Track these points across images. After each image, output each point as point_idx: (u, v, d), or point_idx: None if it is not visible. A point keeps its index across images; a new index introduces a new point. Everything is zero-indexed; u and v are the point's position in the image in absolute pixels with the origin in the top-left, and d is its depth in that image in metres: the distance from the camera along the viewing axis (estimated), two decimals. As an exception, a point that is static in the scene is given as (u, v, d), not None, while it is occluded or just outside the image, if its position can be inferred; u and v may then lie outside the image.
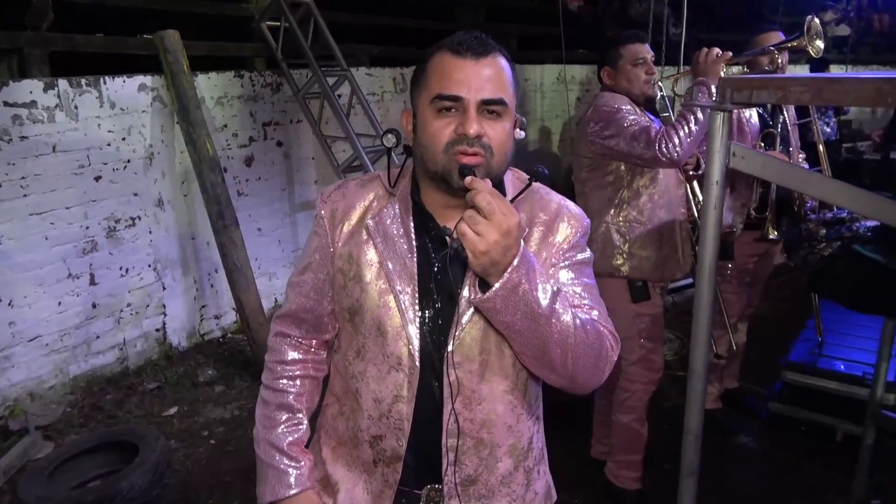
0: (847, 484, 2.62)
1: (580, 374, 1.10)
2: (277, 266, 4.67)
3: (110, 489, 2.55)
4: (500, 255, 0.97)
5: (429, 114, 1.09)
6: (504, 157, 1.10)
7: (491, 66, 1.08)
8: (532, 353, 1.08)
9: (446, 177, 1.08)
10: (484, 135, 1.06)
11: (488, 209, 0.96)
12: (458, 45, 1.08)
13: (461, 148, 1.06)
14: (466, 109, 1.06)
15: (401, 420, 1.15)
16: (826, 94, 1.27)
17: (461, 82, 1.06)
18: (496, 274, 0.99)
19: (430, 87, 1.09)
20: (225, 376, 3.84)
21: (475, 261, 0.98)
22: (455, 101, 1.06)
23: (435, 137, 1.08)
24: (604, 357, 1.12)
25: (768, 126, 2.79)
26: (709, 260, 1.53)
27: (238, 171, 4.31)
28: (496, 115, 1.08)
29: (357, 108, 4.55)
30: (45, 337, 3.42)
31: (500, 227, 0.96)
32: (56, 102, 3.35)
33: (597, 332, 1.10)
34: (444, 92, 1.06)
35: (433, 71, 1.09)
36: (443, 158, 1.07)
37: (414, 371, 1.13)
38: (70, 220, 3.46)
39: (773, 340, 3.68)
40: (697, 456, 1.68)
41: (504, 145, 1.09)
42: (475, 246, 0.96)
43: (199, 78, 4.00)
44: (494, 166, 1.08)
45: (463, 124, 1.05)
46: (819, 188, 1.49)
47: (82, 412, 3.40)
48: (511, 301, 1.00)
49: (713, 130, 1.46)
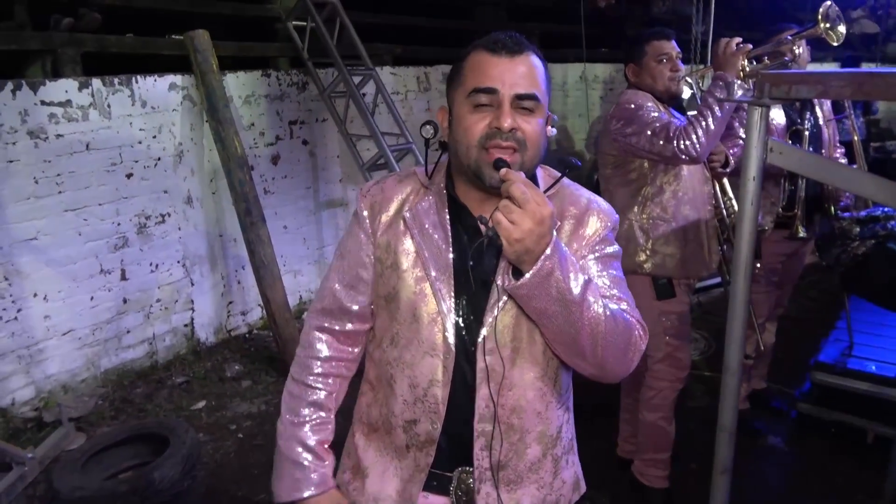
0: (879, 484, 2.58)
1: (609, 362, 1.12)
2: (302, 263, 4.71)
3: (143, 480, 2.60)
4: (534, 243, 1.00)
5: (465, 109, 1.13)
6: (536, 152, 1.13)
7: (525, 64, 1.11)
8: (563, 340, 1.10)
9: (479, 173, 1.12)
10: (518, 129, 1.10)
11: (522, 198, 0.99)
12: (493, 44, 1.12)
13: (495, 142, 1.09)
14: (501, 104, 1.09)
15: (436, 404, 1.18)
16: (867, 89, 1.26)
17: (496, 77, 1.10)
18: (529, 262, 1.01)
19: (466, 83, 1.13)
20: (251, 372, 3.88)
21: (510, 248, 1.00)
22: (490, 94, 1.10)
23: (469, 131, 1.11)
24: (633, 346, 1.14)
25: (795, 124, 2.76)
26: (745, 256, 1.53)
27: (265, 169, 4.36)
28: (529, 110, 1.11)
29: (381, 106, 4.58)
30: (78, 331, 3.49)
31: (535, 216, 0.99)
32: (90, 101, 3.41)
33: (625, 321, 1.12)
34: (480, 85, 1.10)
35: (469, 68, 1.13)
36: (476, 153, 1.11)
37: (449, 356, 1.16)
38: (102, 217, 3.52)
39: (803, 341, 3.64)
40: (731, 453, 1.67)
41: (537, 141, 1.12)
42: (510, 234, 0.99)
43: (228, 77, 4.05)
44: (527, 161, 1.12)
45: (498, 118, 1.09)
46: (856, 183, 1.48)
47: (113, 405, 3.46)
48: (544, 288, 1.03)
49: (750, 125, 1.45)
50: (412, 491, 1.22)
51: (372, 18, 5.31)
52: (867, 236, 2.32)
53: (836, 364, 3.04)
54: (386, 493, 1.24)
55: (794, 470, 2.89)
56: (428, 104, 5.51)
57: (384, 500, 1.24)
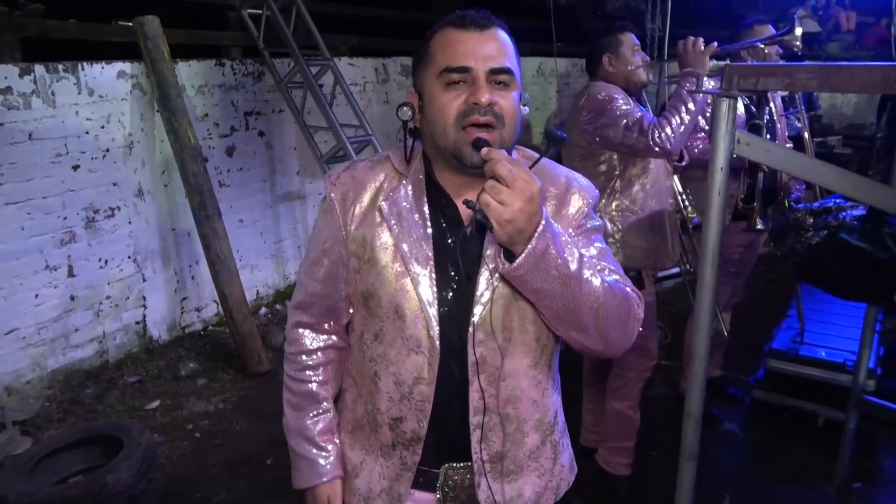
0: (830, 467, 2.69)
1: (611, 334, 1.10)
2: (259, 258, 4.60)
3: (95, 484, 2.49)
4: (526, 222, 0.96)
5: (437, 89, 1.08)
6: (514, 128, 1.10)
7: (495, 38, 1.08)
8: (564, 318, 1.07)
9: (458, 154, 1.07)
10: (496, 103, 1.06)
11: (510, 177, 0.95)
12: (461, 19, 1.09)
13: (473, 118, 1.05)
14: (476, 79, 1.05)
15: (423, 401, 1.15)
16: (834, 81, 1.29)
17: (468, 53, 1.06)
18: (522, 241, 0.98)
19: (437, 62, 1.08)
20: (207, 369, 3.78)
21: (500, 230, 0.97)
22: (463, 73, 1.06)
23: (444, 110, 1.07)
24: (632, 315, 1.12)
25: (754, 117, 2.83)
26: (712, 245, 1.55)
27: (219, 161, 4.24)
28: (504, 84, 1.08)
29: (339, 98, 4.51)
30: (22, 330, 3.32)
31: (524, 193, 0.95)
32: (32, 88, 3.24)
33: (622, 291, 1.10)
34: (452, 64, 1.06)
35: (438, 47, 1.09)
36: (453, 133, 1.06)
37: (434, 353, 1.13)
38: (47, 211, 3.36)
39: (756, 329, 3.75)
40: (697, 440, 1.70)
41: (514, 116, 1.09)
42: (500, 215, 0.95)
43: (180, 66, 3.91)
44: (506, 137, 1.08)
45: (475, 93, 1.05)
46: (820, 175, 1.52)
47: (61, 407, 3.32)
48: (541, 266, 1.00)
49: (718, 117, 1.47)
50: (400, 490, 1.19)
51: (327, 8, 5.22)
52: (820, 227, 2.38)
53: (788, 351, 3.14)
54: (374, 492, 1.22)
55: (750, 454, 2.98)
56: (387, 96, 5.45)
57: (373, 499, 1.22)
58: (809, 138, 2.93)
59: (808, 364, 3.06)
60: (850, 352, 3.03)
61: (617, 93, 2.34)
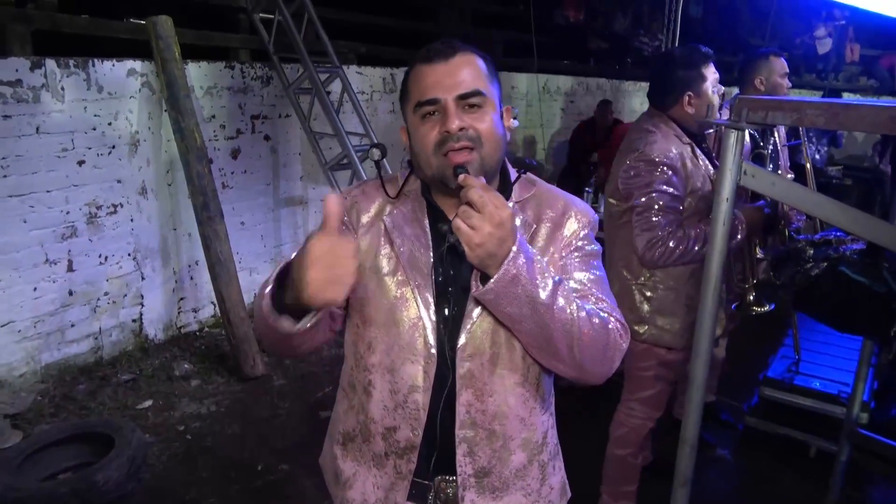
0: (820, 498, 2.68)
1: (588, 364, 1.11)
2: (259, 261, 4.61)
3: (84, 481, 2.49)
4: (496, 246, 0.99)
5: (415, 122, 1.15)
6: (494, 146, 1.13)
7: (461, 64, 1.12)
8: (537, 344, 1.10)
9: (443, 179, 1.13)
10: (468, 127, 1.10)
11: (480, 202, 0.99)
12: (426, 53, 1.15)
13: (448, 146, 1.10)
14: (445, 108, 1.11)
15: (417, 410, 1.16)
16: (841, 119, 1.30)
17: (435, 85, 1.11)
18: (494, 266, 1.01)
19: (411, 98, 1.15)
20: (201, 371, 3.77)
21: (472, 253, 1.01)
22: (434, 104, 1.11)
23: (423, 141, 1.13)
24: (612, 345, 1.13)
25: (759, 147, 2.85)
26: (714, 274, 1.56)
27: (224, 163, 4.25)
28: (477, 106, 1.12)
29: (346, 105, 4.53)
30: (18, 323, 3.31)
31: (493, 218, 0.98)
32: (42, 82, 3.26)
33: (602, 321, 1.11)
34: (422, 98, 1.12)
35: (411, 83, 1.16)
36: (435, 161, 1.12)
37: (430, 361, 1.15)
38: (50, 204, 3.36)
39: (751, 356, 3.76)
40: (692, 466, 1.70)
41: (492, 135, 1.12)
42: (470, 239, 0.99)
43: (189, 66, 3.93)
44: (486, 157, 1.12)
45: (444, 123, 1.10)
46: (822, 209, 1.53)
47: (53, 402, 3.30)
48: (511, 292, 1.02)
49: (726, 147, 1.49)
50: (396, 499, 1.20)
51: (337, 15, 5.25)
52: (820, 258, 2.40)
53: (783, 380, 3.15)
54: (369, 502, 1.22)
55: (741, 481, 2.98)
56: (393, 105, 5.48)
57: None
58: (811, 170, 2.95)
59: (802, 394, 3.07)
60: (844, 383, 3.04)
61: (672, 150, 2.09)
